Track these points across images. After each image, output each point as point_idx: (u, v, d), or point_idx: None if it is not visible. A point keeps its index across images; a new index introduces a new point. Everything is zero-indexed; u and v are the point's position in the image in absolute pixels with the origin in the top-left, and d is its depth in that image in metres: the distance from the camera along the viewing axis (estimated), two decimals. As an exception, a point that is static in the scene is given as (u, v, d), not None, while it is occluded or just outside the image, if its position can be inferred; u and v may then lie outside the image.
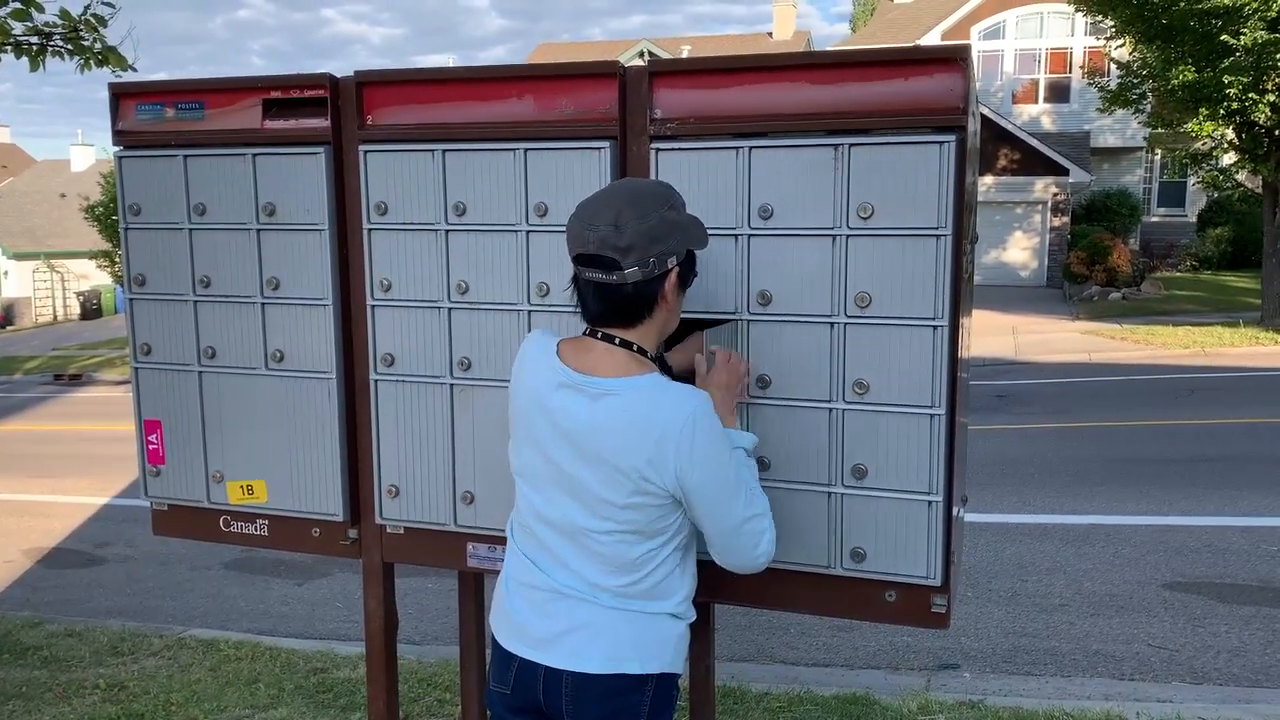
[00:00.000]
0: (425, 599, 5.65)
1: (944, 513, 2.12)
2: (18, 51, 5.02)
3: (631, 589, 1.92)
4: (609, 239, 1.82)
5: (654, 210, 1.84)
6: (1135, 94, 17.92)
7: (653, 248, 1.83)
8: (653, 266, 1.84)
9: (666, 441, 1.82)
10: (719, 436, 1.87)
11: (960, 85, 2.03)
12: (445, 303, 2.45)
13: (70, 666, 4.63)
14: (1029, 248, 24.45)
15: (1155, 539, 6.15)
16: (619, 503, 1.87)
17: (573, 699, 1.93)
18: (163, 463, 2.79)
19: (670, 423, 1.82)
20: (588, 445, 1.87)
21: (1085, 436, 9.30)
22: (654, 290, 1.87)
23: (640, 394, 1.86)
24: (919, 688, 4.19)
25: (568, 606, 1.94)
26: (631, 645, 1.92)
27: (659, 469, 1.83)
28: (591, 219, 1.84)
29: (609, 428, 1.85)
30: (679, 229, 1.87)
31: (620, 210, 1.83)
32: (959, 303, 2.08)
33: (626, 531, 1.89)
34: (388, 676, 2.82)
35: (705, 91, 2.22)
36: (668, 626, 1.96)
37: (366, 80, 2.48)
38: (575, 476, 1.89)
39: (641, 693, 1.93)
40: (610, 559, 1.91)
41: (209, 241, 2.64)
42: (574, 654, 1.92)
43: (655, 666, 1.93)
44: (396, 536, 2.64)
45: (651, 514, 1.88)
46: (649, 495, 1.85)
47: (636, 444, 1.83)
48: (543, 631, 1.96)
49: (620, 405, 1.85)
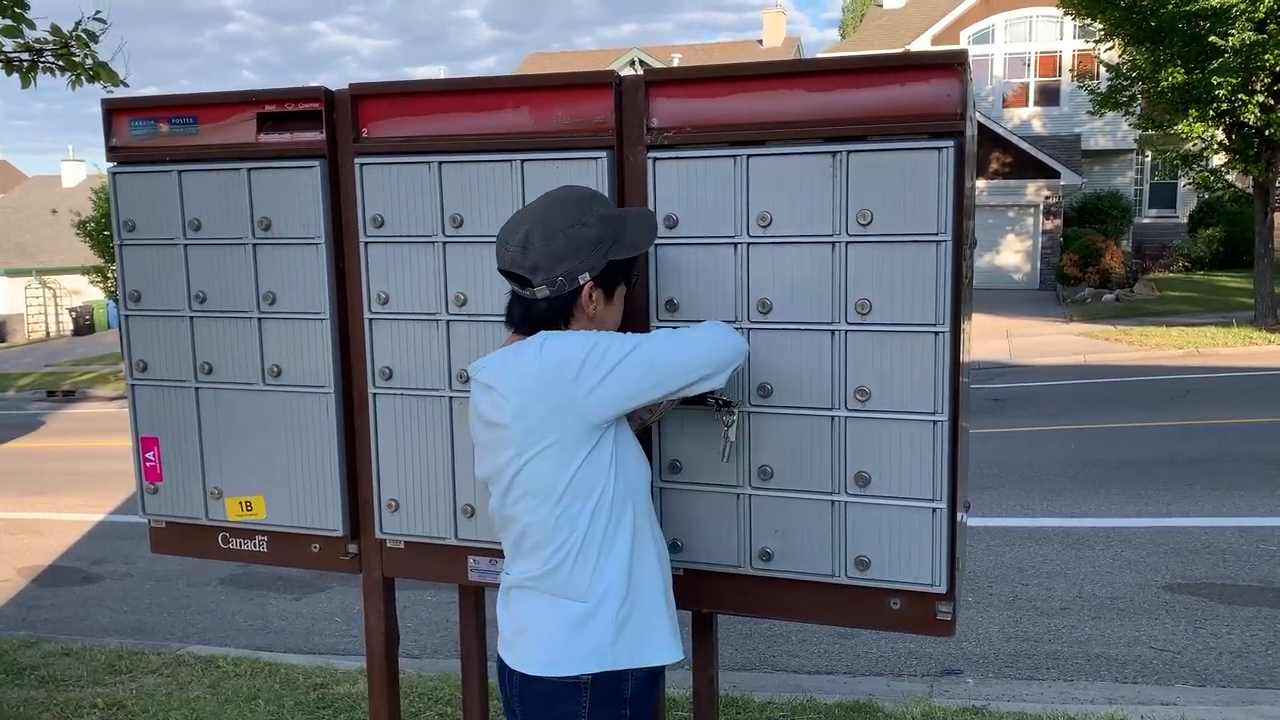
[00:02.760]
0: (424, 612, 5.63)
1: (948, 519, 2.11)
2: (9, 68, 5.00)
3: (550, 567, 1.90)
4: (516, 259, 1.92)
5: (562, 229, 1.90)
6: (1125, 96, 17.99)
7: (558, 266, 1.90)
8: (560, 285, 1.91)
9: (529, 383, 1.86)
10: (574, 339, 1.88)
11: (958, 90, 2.03)
12: (443, 315, 2.44)
13: (68, 686, 4.59)
14: (1022, 251, 24.52)
15: (1155, 541, 6.15)
16: (515, 462, 1.89)
17: (519, 700, 1.96)
18: (160, 480, 2.77)
19: (522, 360, 1.88)
20: (487, 428, 1.94)
21: (1082, 439, 9.30)
22: (568, 304, 1.94)
23: (498, 360, 1.94)
24: (922, 694, 4.17)
25: (517, 603, 1.97)
26: (562, 647, 1.90)
27: (534, 412, 1.85)
28: (506, 237, 1.94)
29: (491, 400, 1.92)
30: (589, 245, 1.91)
31: (529, 230, 1.91)
32: (960, 308, 2.08)
33: (529, 497, 1.89)
34: (390, 691, 2.80)
35: (702, 100, 2.22)
36: (600, 618, 1.90)
37: (361, 93, 2.47)
38: (491, 456, 1.95)
39: (575, 701, 1.90)
40: (527, 532, 1.92)
41: (204, 257, 2.63)
42: (521, 654, 1.95)
43: (592, 666, 1.89)
44: (397, 551, 2.63)
45: (545, 464, 1.86)
46: (534, 442, 1.86)
47: (508, 395, 1.88)
48: (506, 630, 2.01)
49: (490, 375, 1.92)
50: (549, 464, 1.87)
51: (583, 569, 1.89)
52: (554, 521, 1.89)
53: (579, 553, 1.89)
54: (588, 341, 1.86)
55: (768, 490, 2.22)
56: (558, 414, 1.85)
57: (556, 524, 1.89)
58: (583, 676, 1.89)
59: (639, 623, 1.93)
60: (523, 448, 1.87)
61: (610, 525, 1.91)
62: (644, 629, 1.94)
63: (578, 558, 1.89)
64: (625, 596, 1.92)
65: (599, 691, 1.90)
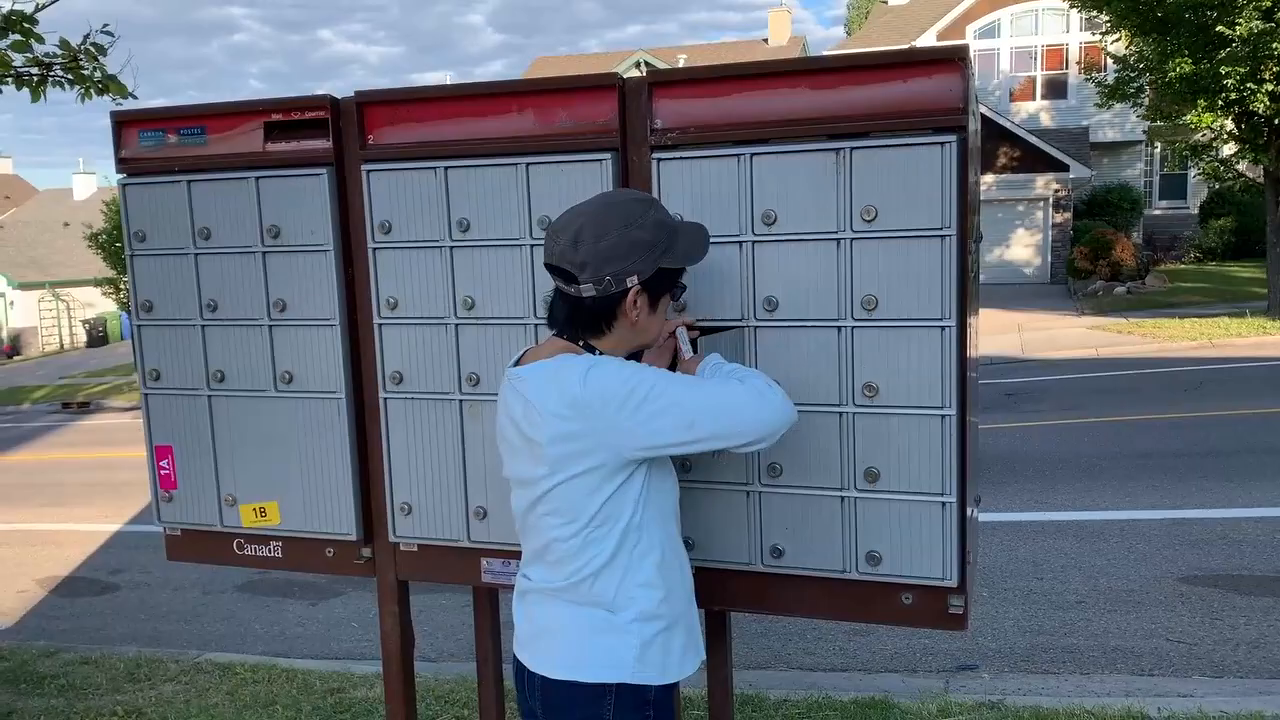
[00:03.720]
0: (439, 615, 5.64)
1: (958, 513, 2.12)
2: (19, 83, 5.04)
3: (574, 581, 1.89)
4: (566, 254, 1.87)
5: (614, 229, 1.85)
6: (1133, 88, 17.92)
7: (607, 267, 1.85)
8: (607, 285, 1.86)
9: (570, 407, 1.82)
10: (623, 366, 1.86)
11: (959, 85, 2.03)
12: (452, 319, 2.45)
13: (87, 694, 4.63)
14: (1032, 245, 24.44)
15: (1170, 533, 6.13)
16: (545, 482, 1.88)
17: (540, 703, 1.96)
18: (175, 487, 2.79)
19: (566, 387, 1.83)
20: (519, 433, 1.91)
21: (1095, 432, 9.27)
22: (613, 306, 1.89)
23: (542, 373, 1.89)
24: (938, 690, 4.17)
25: (537, 606, 1.97)
26: (584, 652, 1.90)
27: (572, 437, 1.83)
28: (558, 231, 1.89)
29: (528, 409, 1.88)
30: (641, 248, 1.86)
31: (583, 225, 1.86)
32: (966, 302, 2.08)
33: (560, 516, 1.88)
34: (406, 694, 2.82)
35: (705, 100, 2.23)
36: (628, 634, 1.90)
37: (367, 100, 2.49)
38: (519, 464, 1.94)
39: (599, 705, 1.89)
40: (550, 546, 1.91)
41: (215, 266, 2.65)
42: (541, 657, 1.95)
43: (612, 676, 1.88)
44: (410, 554, 2.64)
45: (575, 490, 1.85)
46: (567, 468, 1.85)
47: (546, 415, 1.85)
48: (524, 632, 2.00)
49: (530, 386, 1.89)
50: (581, 489, 1.85)
51: (608, 583, 1.89)
52: (581, 542, 1.88)
53: (605, 570, 1.89)
54: (633, 378, 1.83)
55: (778, 487, 2.23)
56: (594, 444, 1.83)
57: (584, 545, 1.88)
58: (605, 684, 1.89)
59: (664, 640, 1.94)
60: (555, 468, 1.85)
61: (639, 546, 1.91)
62: (668, 645, 1.94)
63: (603, 574, 1.89)
64: (651, 614, 1.91)
65: (623, 699, 1.90)
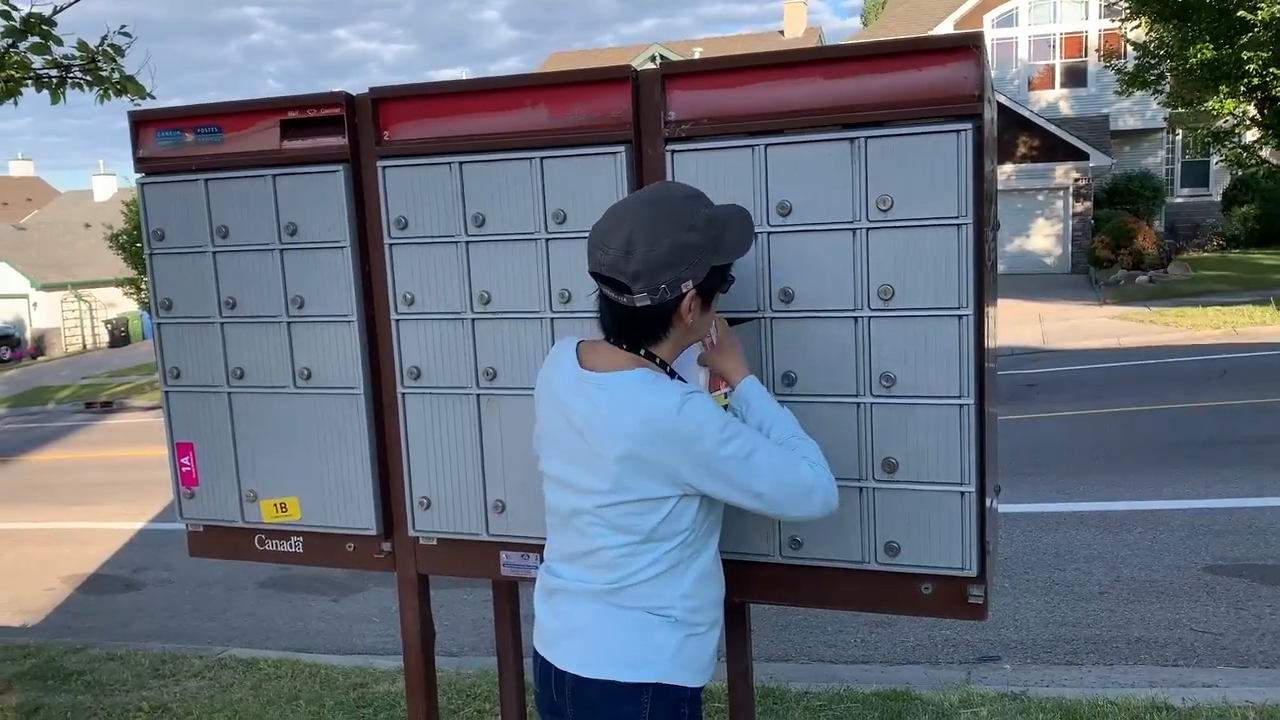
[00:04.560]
0: (460, 609, 5.67)
1: (976, 503, 2.11)
2: (38, 85, 5.08)
3: (619, 587, 1.88)
4: (618, 263, 1.78)
5: (667, 234, 1.77)
6: (1153, 75, 17.79)
7: (662, 274, 1.77)
8: (663, 293, 1.79)
9: (650, 434, 1.79)
10: (715, 414, 1.81)
11: (975, 73, 2.02)
12: (468, 314, 2.46)
13: (113, 690, 4.68)
14: (1052, 234, 24.28)
15: (1194, 522, 6.08)
16: (603, 498, 1.85)
17: (572, 701, 1.93)
18: (196, 484, 2.82)
19: (660, 412, 1.79)
20: (579, 439, 1.88)
21: (1118, 422, 9.21)
22: (667, 313, 1.83)
23: (625, 387, 1.83)
24: (960, 681, 4.16)
25: (569, 604, 1.95)
26: (620, 651, 1.89)
27: (645, 464, 1.80)
28: (604, 239, 1.80)
29: (597, 419, 1.84)
30: (694, 252, 1.79)
31: (632, 231, 1.77)
32: (983, 291, 2.07)
33: (613, 528, 1.87)
34: (427, 688, 2.83)
35: (718, 91, 2.22)
36: (663, 634, 1.89)
37: (382, 96, 2.50)
38: (571, 471, 1.91)
39: (636, 703, 1.87)
40: (599, 554, 1.90)
41: (233, 263, 2.67)
42: (573, 655, 1.93)
43: (650, 675, 1.88)
44: (430, 548, 2.65)
45: (639, 510, 1.84)
46: (634, 491, 1.83)
47: (621, 434, 1.81)
48: (553, 630, 1.98)
49: (607, 397, 1.84)
50: (640, 509, 1.84)
51: (651, 590, 1.88)
52: (630, 553, 1.87)
53: (650, 579, 1.88)
54: (726, 429, 1.80)
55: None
56: (666, 475, 1.81)
57: (633, 555, 1.87)
58: (642, 683, 1.88)
59: (700, 643, 1.94)
60: (618, 486, 1.83)
61: (686, 559, 1.91)
62: (703, 648, 1.95)
63: (648, 583, 1.88)
64: (689, 621, 1.92)
65: (660, 697, 1.89)
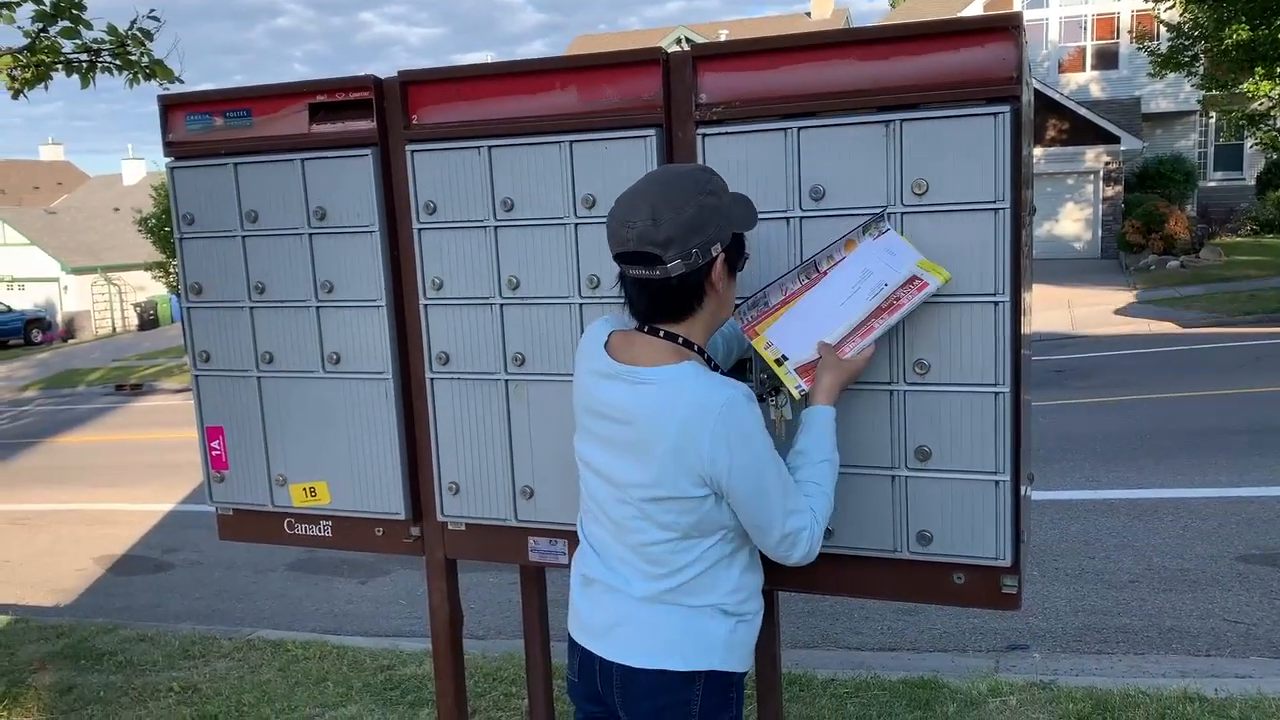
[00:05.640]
0: (488, 593, 5.69)
1: (1011, 492, 2.08)
2: (69, 69, 5.12)
3: (667, 582, 1.88)
4: (647, 234, 1.77)
5: (690, 198, 1.78)
6: (1187, 56, 17.52)
7: (693, 238, 1.77)
8: (695, 257, 1.79)
9: (695, 428, 1.77)
10: (755, 429, 1.80)
11: (1013, 54, 1.98)
12: (497, 299, 2.45)
13: (144, 670, 4.72)
14: (1082, 219, 24.00)
15: (1226, 511, 6.00)
16: (646, 492, 1.84)
17: (621, 692, 1.93)
18: (226, 468, 2.83)
19: (700, 410, 1.78)
20: (623, 433, 1.86)
21: (1149, 408, 9.10)
22: (700, 280, 1.83)
23: (673, 382, 1.82)
24: (988, 669, 4.13)
25: (612, 599, 1.94)
26: (673, 641, 1.89)
27: (685, 458, 1.79)
28: (627, 216, 1.80)
29: (642, 415, 1.83)
30: (719, 214, 1.81)
31: (655, 203, 1.78)
32: (1020, 277, 2.03)
33: (654, 524, 1.86)
34: (454, 671, 2.84)
35: (750, 73, 2.19)
36: (715, 623, 1.90)
37: (411, 80, 2.48)
38: (614, 464, 1.89)
39: (689, 690, 1.88)
40: (643, 549, 1.89)
41: (262, 248, 2.67)
42: (622, 647, 1.92)
43: (702, 664, 1.89)
44: (458, 533, 2.65)
45: (678, 508, 1.83)
46: (676, 487, 1.81)
47: (665, 430, 1.80)
48: (596, 622, 1.97)
49: (654, 393, 1.82)
50: (679, 508, 1.83)
51: (699, 584, 1.88)
52: (671, 549, 1.87)
53: (699, 575, 1.88)
54: (763, 451, 1.80)
55: (827, 466, 2.20)
56: (699, 467, 1.80)
57: (674, 551, 1.87)
58: (695, 671, 1.88)
59: (747, 631, 1.96)
60: (662, 480, 1.82)
61: (731, 551, 1.91)
62: (749, 636, 1.97)
63: (689, 576, 1.88)
64: (735, 612, 1.92)
65: (712, 684, 1.90)
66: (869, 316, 2.00)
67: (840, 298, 2.02)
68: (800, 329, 2.02)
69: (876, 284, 2.00)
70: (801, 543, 1.86)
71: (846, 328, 2.01)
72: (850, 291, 2.01)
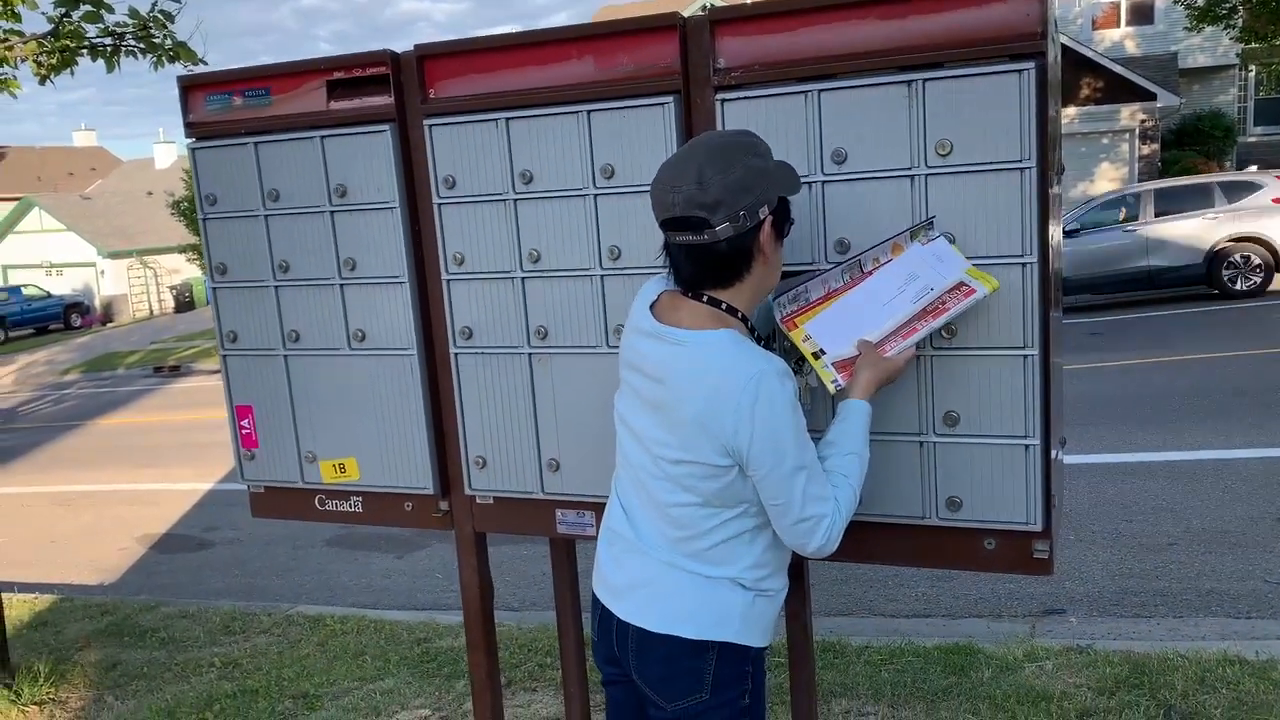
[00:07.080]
0: (522, 565, 5.73)
1: (1041, 456, 2.05)
2: (93, 54, 5.14)
3: (687, 547, 1.88)
4: (694, 197, 1.75)
5: (738, 160, 1.77)
6: (1225, 8, 17.08)
7: (742, 199, 1.76)
8: (744, 220, 1.77)
9: (723, 397, 1.76)
10: (784, 407, 1.78)
11: (1037, 8, 1.93)
12: (518, 272, 2.44)
13: (186, 646, 4.81)
14: (1117, 179, 23.56)
15: (1266, 472, 5.91)
16: (671, 453, 1.84)
17: (636, 654, 1.94)
18: (256, 446, 2.85)
19: (731, 379, 1.77)
20: (655, 391, 1.86)
21: (1186, 369, 8.97)
22: (748, 244, 1.81)
23: (708, 348, 1.81)
24: (1024, 634, 4.11)
25: (636, 559, 1.94)
26: (689, 609, 1.89)
27: (710, 426, 1.78)
28: (674, 180, 1.78)
29: (674, 376, 1.83)
30: (766, 176, 1.80)
31: (702, 166, 1.76)
32: (1047, 238, 1.99)
33: (679, 485, 1.86)
34: (487, 643, 2.86)
35: (768, 36, 2.15)
36: (733, 595, 1.89)
37: (426, 53, 2.47)
38: (644, 421, 1.89)
39: (700, 659, 1.88)
40: (666, 510, 1.89)
41: (285, 226, 2.67)
42: (638, 608, 1.93)
43: (716, 634, 1.88)
44: (486, 506, 2.66)
45: (701, 473, 1.82)
46: (700, 453, 1.81)
47: (694, 395, 1.79)
48: (617, 580, 1.98)
49: (687, 355, 1.82)
50: (701, 474, 1.83)
51: (720, 554, 1.88)
52: (693, 515, 1.87)
53: (720, 544, 1.88)
54: (795, 416, 1.79)
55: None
56: (723, 437, 1.79)
57: (696, 518, 1.87)
58: (707, 641, 1.88)
59: (768, 606, 1.95)
60: (685, 444, 1.82)
61: (755, 526, 1.90)
62: (770, 611, 1.96)
63: (715, 544, 1.88)
64: (758, 586, 1.92)
65: (725, 655, 1.90)
66: (913, 318, 1.97)
67: (884, 298, 1.99)
68: (841, 325, 2.00)
69: (922, 288, 1.97)
70: (820, 531, 1.84)
71: (889, 327, 1.98)
72: (895, 293, 1.99)
